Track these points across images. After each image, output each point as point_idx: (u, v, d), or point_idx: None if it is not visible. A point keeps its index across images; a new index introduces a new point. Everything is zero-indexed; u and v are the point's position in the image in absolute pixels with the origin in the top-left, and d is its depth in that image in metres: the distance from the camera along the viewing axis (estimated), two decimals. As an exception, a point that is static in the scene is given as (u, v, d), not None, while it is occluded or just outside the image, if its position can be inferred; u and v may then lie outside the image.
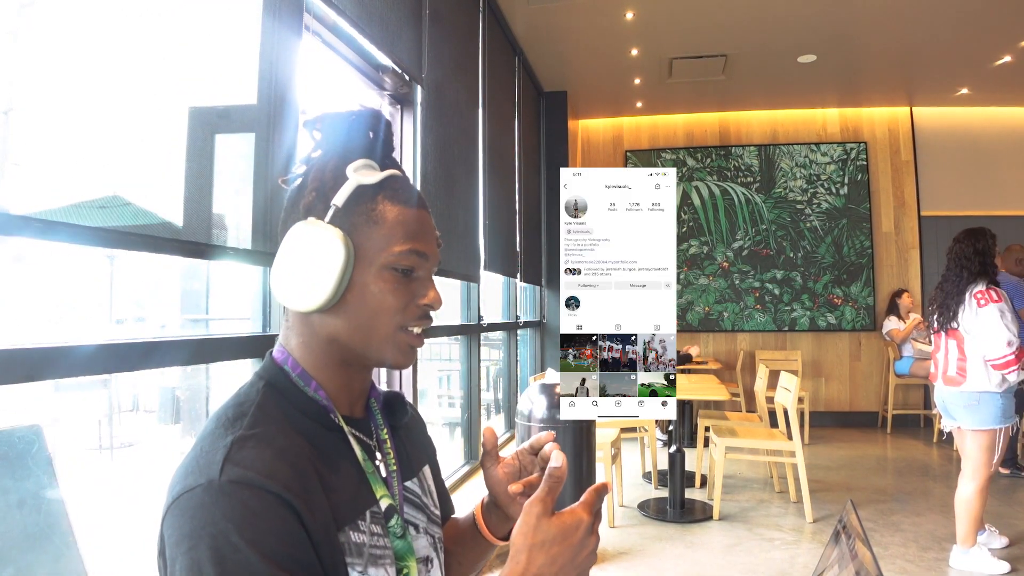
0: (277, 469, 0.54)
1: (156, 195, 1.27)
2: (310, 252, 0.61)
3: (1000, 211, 5.60)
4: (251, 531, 0.49)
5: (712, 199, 6.08)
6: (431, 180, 2.72)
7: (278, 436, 0.58)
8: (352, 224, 0.63)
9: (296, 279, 0.62)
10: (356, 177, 0.63)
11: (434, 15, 2.78)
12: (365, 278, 0.63)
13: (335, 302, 0.62)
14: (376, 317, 0.63)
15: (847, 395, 5.86)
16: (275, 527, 0.51)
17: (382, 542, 0.62)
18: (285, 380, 0.64)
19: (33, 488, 0.94)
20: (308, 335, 0.65)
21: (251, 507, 0.51)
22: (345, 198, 0.63)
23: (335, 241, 0.60)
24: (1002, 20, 4.02)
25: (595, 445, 2.92)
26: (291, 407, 0.62)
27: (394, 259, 0.63)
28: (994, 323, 2.54)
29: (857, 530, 0.70)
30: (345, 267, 0.61)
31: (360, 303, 0.63)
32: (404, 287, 0.64)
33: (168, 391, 2.34)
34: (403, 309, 0.64)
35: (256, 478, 0.52)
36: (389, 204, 0.64)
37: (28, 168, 1.03)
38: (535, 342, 5.30)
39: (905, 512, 3.37)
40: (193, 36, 1.38)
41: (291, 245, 0.62)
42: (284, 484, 0.53)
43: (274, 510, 0.51)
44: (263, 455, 0.54)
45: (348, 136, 0.66)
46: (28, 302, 1.31)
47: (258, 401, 0.61)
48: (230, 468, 0.52)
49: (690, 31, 4.28)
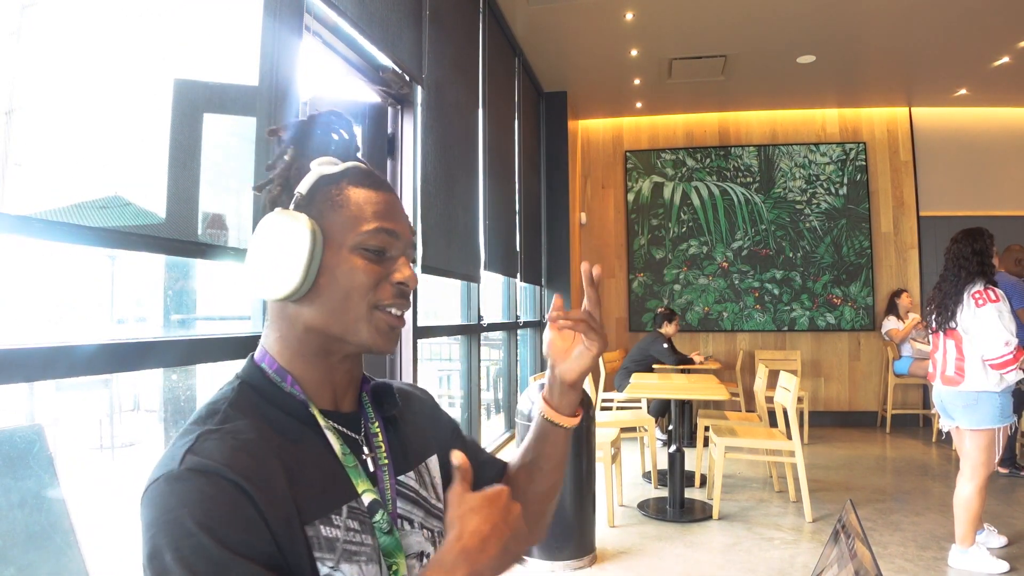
0: (236, 458, 0.54)
1: (156, 195, 1.27)
2: (278, 240, 0.62)
3: (999, 211, 5.61)
4: (205, 516, 0.50)
5: (712, 199, 6.09)
6: (431, 180, 2.72)
7: (246, 431, 0.58)
8: (318, 210, 0.64)
9: (267, 269, 0.62)
10: (319, 168, 0.65)
11: (434, 15, 2.78)
12: (335, 260, 0.63)
13: (308, 288, 0.62)
14: (349, 298, 0.63)
15: (846, 395, 5.86)
16: (229, 513, 0.52)
17: (359, 538, 0.61)
18: (261, 377, 0.65)
19: (34, 488, 0.94)
20: (286, 328, 0.66)
21: (206, 492, 0.52)
22: (309, 186, 0.64)
23: (299, 226, 0.61)
24: (1001, 21, 4.03)
25: (595, 445, 2.92)
26: (266, 404, 0.63)
27: (363, 239, 0.64)
28: (992, 323, 2.54)
29: (856, 530, 0.70)
30: (312, 251, 0.61)
31: (332, 286, 0.63)
32: (376, 266, 0.65)
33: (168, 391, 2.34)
34: (375, 287, 0.64)
35: (212, 465, 0.53)
36: (353, 187, 0.65)
37: (29, 168, 1.03)
38: (535, 342, 5.31)
39: (904, 512, 3.37)
40: (194, 37, 1.38)
41: (259, 237, 0.63)
42: (241, 472, 0.53)
43: (229, 496, 0.52)
44: (224, 446, 0.55)
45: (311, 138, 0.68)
46: (28, 302, 1.31)
47: (232, 399, 0.62)
48: (189, 458, 0.54)
49: (690, 31, 4.29)
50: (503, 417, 4.79)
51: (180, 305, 1.58)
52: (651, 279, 6.14)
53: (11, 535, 0.90)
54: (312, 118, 0.69)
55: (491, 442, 4.16)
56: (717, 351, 6.05)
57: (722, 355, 6.02)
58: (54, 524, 0.95)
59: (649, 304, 6.13)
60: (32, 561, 0.92)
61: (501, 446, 4.25)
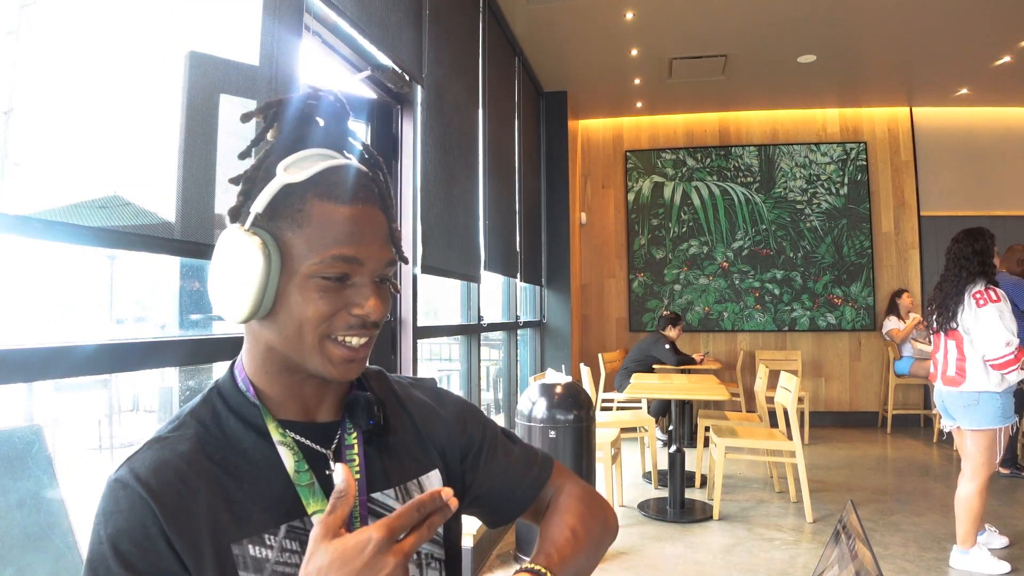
0: (154, 474, 0.55)
1: (156, 195, 1.27)
2: (232, 262, 0.58)
3: (1000, 211, 5.60)
4: (112, 527, 0.53)
5: (712, 199, 6.08)
6: (431, 180, 2.72)
7: (186, 442, 0.59)
8: (277, 228, 0.58)
9: (224, 289, 0.59)
10: (283, 176, 0.58)
11: (434, 15, 2.78)
12: (290, 287, 0.58)
13: (265, 312, 0.59)
14: (301, 328, 0.59)
15: (847, 395, 5.86)
16: (132, 527, 0.53)
17: (296, 559, 0.58)
18: (231, 386, 0.64)
19: (33, 488, 0.94)
20: (251, 342, 0.64)
21: (120, 505, 0.54)
22: (267, 201, 0.58)
23: (252, 250, 0.56)
24: (1002, 20, 4.02)
25: (595, 445, 2.92)
26: (228, 412, 0.62)
27: (318, 267, 0.58)
28: (993, 323, 2.54)
29: (857, 530, 0.70)
30: (265, 278, 0.57)
31: (286, 314, 0.59)
32: (334, 295, 0.59)
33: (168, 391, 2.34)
34: (329, 320, 0.59)
35: (130, 479, 0.55)
36: (318, 203, 0.58)
37: (28, 168, 1.03)
38: (535, 342, 5.31)
39: (905, 512, 3.37)
40: (193, 37, 1.38)
41: (216, 255, 0.60)
42: (155, 490, 0.54)
43: (137, 512, 0.53)
44: (155, 459, 0.56)
45: (297, 125, 0.61)
46: (28, 302, 1.31)
47: (194, 406, 0.63)
48: (123, 468, 0.56)
49: (690, 31, 4.28)
50: (503, 417, 4.78)
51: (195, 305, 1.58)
52: (651, 279, 6.13)
53: (10, 535, 0.90)
54: (297, 99, 0.61)
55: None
56: (717, 351, 6.05)
57: (722, 355, 6.01)
58: (53, 524, 0.95)
59: (649, 304, 6.12)
60: (31, 562, 0.92)
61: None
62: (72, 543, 0.97)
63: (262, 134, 0.62)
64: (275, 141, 0.61)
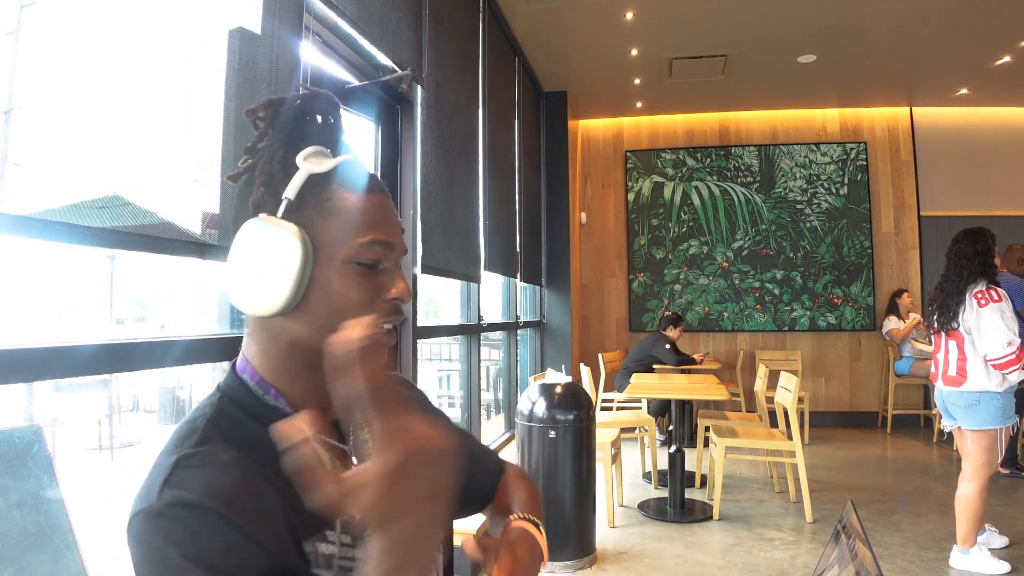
0: (216, 484, 0.52)
1: (155, 195, 1.27)
2: (264, 252, 0.57)
3: (1000, 211, 5.60)
4: (195, 551, 0.48)
5: (712, 199, 6.08)
6: (431, 180, 2.72)
7: (225, 451, 0.55)
8: (307, 217, 0.58)
9: (252, 282, 0.57)
10: (307, 166, 0.59)
11: (434, 15, 2.78)
12: (326, 275, 0.58)
13: (295, 304, 0.58)
14: (340, 316, 0.57)
15: (847, 395, 5.86)
16: (218, 543, 0.49)
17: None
18: (242, 390, 0.62)
19: (33, 488, 0.94)
20: (268, 342, 0.62)
21: (191, 526, 0.49)
22: (297, 189, 0.58)
23: (291, 238, 0.56)
24: (1002, 20, 4.02)
25: (595, 445, 2.92)
26: (247, 418, 0.60)
27: (356, 252, 0.59)
28: (994, 323, 2.54)
29: (857, 530, 0.70)
30: (304, 266, 0.56)
31: (323, 302, 0.58)
32: (369, 281, 0.60)
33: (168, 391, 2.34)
34: (370, 305, 0.60)
35: (192, 497, 0.50)
36: (345, 192, 0.60)
37: (28, 168, 1.03)
38: (535, 342, 5.31)
39: (905, 512, 3.37)
40: (192, 37, 1.38)
41: (244, 245, 0.58)
42: (221, 498, 0.51)
43: (214, 526, 0.50)
44: (203, 474, 0.52)
45: (294, 123, 0.61)
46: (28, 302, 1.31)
47: (210, 415, 0.59)
48: (166, 492, 0.51)
49: (690, 31, 4.28)
50: (503, 417, 4.78)
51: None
52: (651, 279, 6.13)
53: (10, 536, 0.90)
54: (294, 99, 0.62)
55: (491, 443, 4.16)
56: (717, 351, 6.05)
57: (722, 355, 6.01)
58: (53, 525, 0.95)
59: (649, 304, 6.12)
60: (31, 562, 0.92)
61: (501, 446, 4.25)
62: (72, 543, 0.97)
63: (265, 130, 0.63)
64: (276, 137, 0.62)
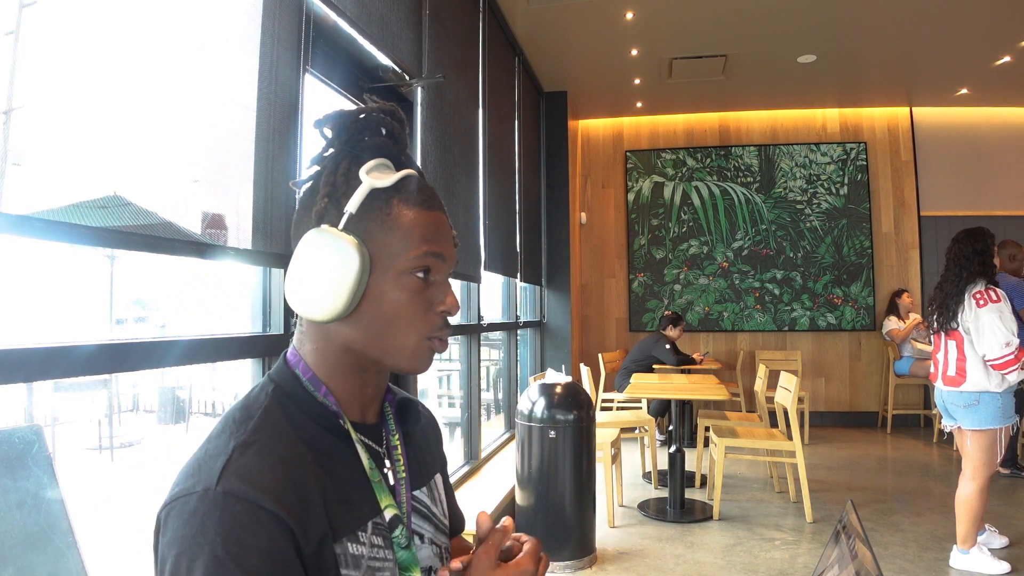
0: (273, 482, 0.53)
1: (156, 194, 1.27)
2: (324, 261, 0.60)
3: (1000, 211, 5.60)
4: (237, 547, 0.50)
5: (712, 199, 6.08)
6: (431, 180, 2.72)
7: (280, 443, 0.57)
8: (367, 230, 0.61)
9: (311, 289, 0.60)
10: (369, 180, 0.61)
11: (434, 15, 2.78)
12: (382, 286, 0.61)
13: (350, 311, 0.61)
14: (393, 325, 0.62)
15: (847, 395, 5.86)
16: (262, 545, 0.50)
17: (382, 554, 0.61)
18: (295, 384, 0.64)
19: (33, 488, 0.94)
20: (322, 342, 0.64)
21: (242, 522, 0.51)
22: (359, 203, 0.61)
23: (350, 250, 0.59)
24: (1002, 20, 4.02)
25: (595, 445, 2.92)
26: (299, 412, 0.62)
27: (411, 264, 0.62)
28: (993, 323, 2.54)
29: (857, 530, 0.70)
30: (361, 276, 0.59)
31: (377, 311, 0.62)
32: (421, 293, 0.63)
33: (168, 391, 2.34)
34: (423, 317, 0.63)
35: (250, 492, 0.52)
36: (404, 207, 0.62)
37: (28, 168, 1.03)
38: (535, 342, 5.31)
39: (905, 512, 3.37)
40: (192, 36, 1.38)
41: (305, 253, 0.61)
42: (278, 499, 0.52)
43: (264, 527, 0.51)
44: (262, 465, 0.54)
45: (360, 135, 0.64)
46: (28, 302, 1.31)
47: (265, 405, 0.61)
48: (227, 478, 0.52)
49: (690, 31, 4.28)
50: (503, 417, 4.78)
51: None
52: (651, 279, 6.13)
53: (10, 536, 0.90)
54: (361, 112, 0.65)
55: (491, 442, 4.16)
56: (717, 351, 6.05)
57: (722, 355, 6.01)
58: (53, 525, 0.95)
59: (649, 304, 6.13)
60: (31, 562, 0.92)
61: (501, 446, 4.25)
62: (72, 543, 0.97)
63: (332, 141, 0.65)
64: (341, 148, 0.64)
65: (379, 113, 0.65)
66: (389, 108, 0.66)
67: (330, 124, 0.65)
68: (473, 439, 3.60)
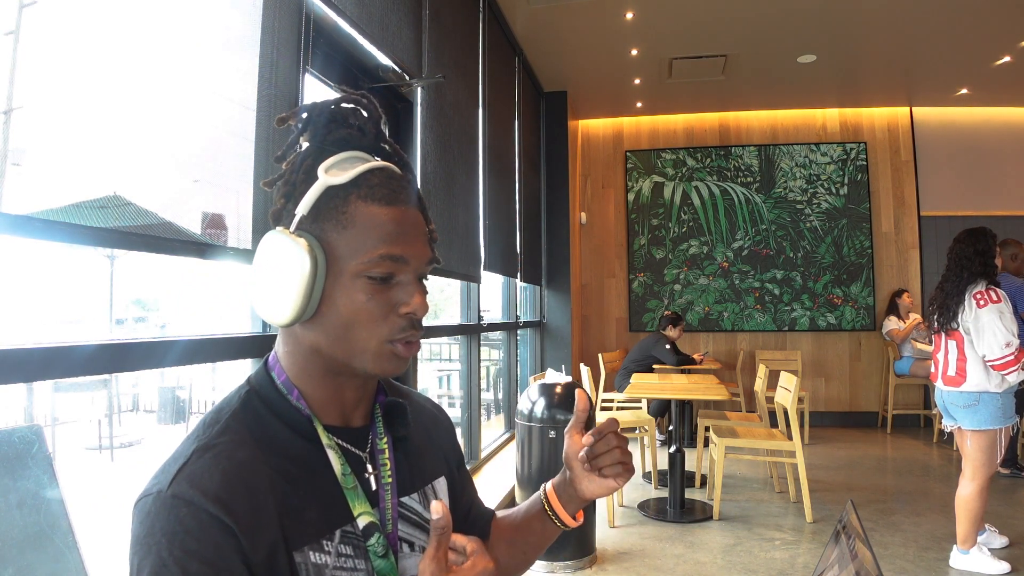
0: (223, 487, 0.53)
1: (156, 194, 1.27)
2: (277, 264, 0.58)
3: (1000, 211, 5.60)
4: (180, 549, 0.50)
5: (712, 199, 6.08)
6: (431, 180, 2.72)
7: (241, 448, 0.56)
8: (321, 230, 0.59)
9: (267, 293, 0.59)
10: (325, 178, 0.59)
11: (434, 15, 2.78)
12: (337, 288, 0.59)
13: (310, 314, 0.59)
14: (353, 329, 0.59)
15: (847, 395, 5.86)
16: (204, 549, 0.50)
17: (351, 563, 0.59)
18: (270, 387, 0.63)
19: (33, 488, 0.94)
20: (292, 345, 0.63)
21: (186, 525, 0.51)
22: (311, 203, 0.59)
23: (299, 252, 0.57)
24: (1002, 20, 4.02)
25: (595, 445, 2.91)
26: (270, 415, 0.61)
27: (365, 267, 0.58)
28: (993, 324, 2.54)
29: (857, 530, 0.70)
30: (311, 280, 0.57)
31: (334, 315, 0.59)
32: (381, 295, 0.60)
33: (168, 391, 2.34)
34: (383, 320, 0.60)
35: (196, 496, 0.51)
36: (362, 204, 0.59)
37: (28, 168, 1.03)
38: (535, 342, 5.31)
39: (905, 512, 3.37)
40: (192, 36, 1.38)
41: (261, 257, 0.60)
42: (225, 505, 0.52)
43: (207, 531, 0.51)
44: (214, 470, 0.54)
45: (325, 129, 0.62)
46: (28, 302, 1.31)
47: (235, 408, 0.60)
48: (179, 481, 0.52)
49: (690, 31, 4.28)
50: (503, 417, 4.79)
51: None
52: (651, 279, 6.13)
53: (10, 535, 0.90)
54: (327, 104, 0.62)
55: (491, 442, 4.16)
56: (717, 351, 6.05)
57: (722, 355, 6.01)
58: (53, 524, 0.95)
59: (649, 304, 6.12)
60: (31, 562, 0.92)
61: (501, 446, 4.25)
62: (72, 543, 0.97)
63: (296, 138, 0.63)
64: (310, 144, 0.62)
65: (345, 103, 0.63)
66: (355, 97, 0.64)
67: (295, 119, 0.63)
68: (473, 439, 3.60)
